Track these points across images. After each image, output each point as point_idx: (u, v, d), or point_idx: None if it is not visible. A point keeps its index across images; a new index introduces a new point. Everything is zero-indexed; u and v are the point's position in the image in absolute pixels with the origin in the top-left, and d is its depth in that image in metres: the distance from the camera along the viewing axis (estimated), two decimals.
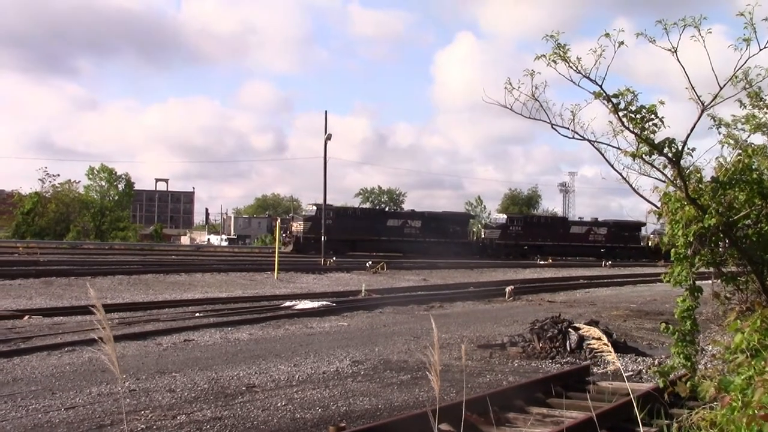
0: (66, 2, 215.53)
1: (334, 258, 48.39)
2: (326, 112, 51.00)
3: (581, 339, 13.66)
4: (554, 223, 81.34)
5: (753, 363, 4.17)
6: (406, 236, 67.36)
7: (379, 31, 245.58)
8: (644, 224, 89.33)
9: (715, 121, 8.23)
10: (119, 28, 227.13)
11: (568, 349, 13.56)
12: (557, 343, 13.71)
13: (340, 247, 60.84)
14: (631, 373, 11.94)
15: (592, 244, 78.17)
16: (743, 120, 8.81)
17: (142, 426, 7.81)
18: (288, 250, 62.28)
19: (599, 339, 4.19)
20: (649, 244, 54.06)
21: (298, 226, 64.96)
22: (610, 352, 4.09)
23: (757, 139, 9.05)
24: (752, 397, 3.49)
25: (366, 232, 64.04)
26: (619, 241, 79.09)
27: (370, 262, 43.35)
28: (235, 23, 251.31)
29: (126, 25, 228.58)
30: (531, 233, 74.07)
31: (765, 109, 8.96)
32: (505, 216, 78.25)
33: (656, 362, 12.36)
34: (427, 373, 3.94)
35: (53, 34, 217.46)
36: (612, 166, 7.36)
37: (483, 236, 74.48)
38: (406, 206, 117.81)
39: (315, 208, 65.86)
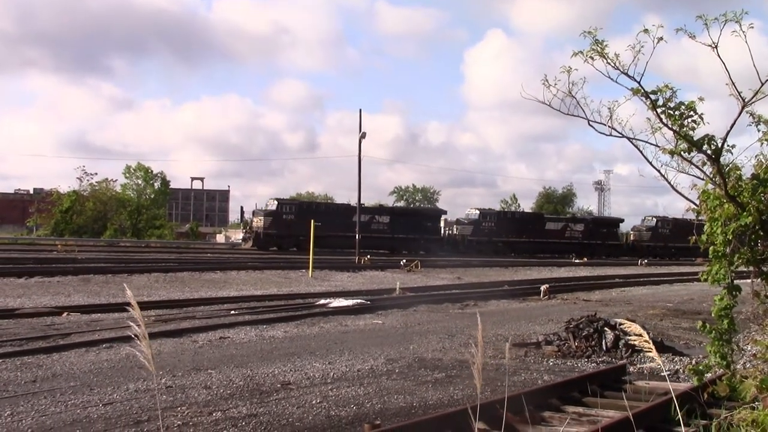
0: (100, 3, 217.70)
1: (368, 257, 48.36)
2: (360, 110, 51.46)
3: (617, 338, 13.56)
4: (529, 219, 79.50)
5: None
6: (374, 232, 65.60)
7: (407, 28, 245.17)
8: (622, 221, 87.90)
9: (754, 118, 8.11)
10: (152, 28, 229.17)
11: (604, 348, 13.45)
12: (593, 342, 13.61)
13: (304, 244, 59.49)
14: (668, 372, 11.81)
15: (569, 241, 76.76)
16: None
17: (179, 422, 7.87)
18: (247, 246, 61.77)
19: (640, 335, 4.13)
20: (627, 242, 53.64)
21: (258, 222, 63.54)
22: (651, 349, 4.03)
23: None
24: None
25: (330, 228, 61.23)
26: (597, 238, 77.62)
27: (405, 261, 43.35)
28: (266, 23, 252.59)
29: (159, 24, 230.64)
30: (505, 229, 72.51)
31: None
32: (477, 211, 76.24)
33: (693, 362, 12.23)
34: (463, 370, 3.92)
35: (88, 34, 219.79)
36: (650, 164, 7.29)
37: (455, 232, 73.00)
38: (440, 204, 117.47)
39: (276, 202, 65.03)
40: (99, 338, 13.61)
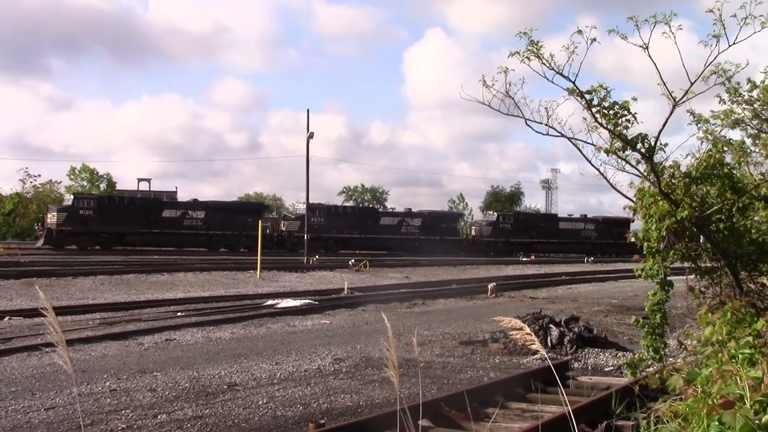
0: (33, 2, 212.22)
1: (317, 257, 48.21)
2: (308, 111, 50.91)
3: (562, 335, 13.78)
4: (362, 213, 75.52)
5: (712, 353, 4.24)
6: (186, 228, 61.23)
7: (346, 28, 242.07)
8: (462, 215, 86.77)
9: (694, 117, 8.31)
10: (88, 27, 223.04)
11: (549, 345, 13.64)
12: (538, 339, 13.78)
13: (107, 242, 56.07)
14: (611, 368, 12.04)
15: (404, 237, 73.17)
16: (722, 116, 8.90)
17: (123, 425, 7.81)
18: (39, 245, 56.21)
19: (521, 329, 4.25)
20: (466, 236, 52.71)
21: (52, 218, 56.85)
22: (534, 341, 4.16)
23: (735, 134, 9.16)
24: (712, 388, 3.57)
25: (135, 225, 57.42)
26: (435, 233, 73.95)
27: (353, 260, 43.40)
28: (205, 22, 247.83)
29: (94, 23, 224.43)
30: (335, 225, 68.98)
31: (744, 105, 9.03)
32: (305, 206, 73.66)
33: (630, 357, 12.48)
34: (410, 369, 3.97)
35: (23, 32, 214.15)
36: (590, 162, 7.43)
37: (283, 228, 68.76)
38: (389, 204, 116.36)
39: (72, 197, 59.92)
40: (42, 342, 13.39)
